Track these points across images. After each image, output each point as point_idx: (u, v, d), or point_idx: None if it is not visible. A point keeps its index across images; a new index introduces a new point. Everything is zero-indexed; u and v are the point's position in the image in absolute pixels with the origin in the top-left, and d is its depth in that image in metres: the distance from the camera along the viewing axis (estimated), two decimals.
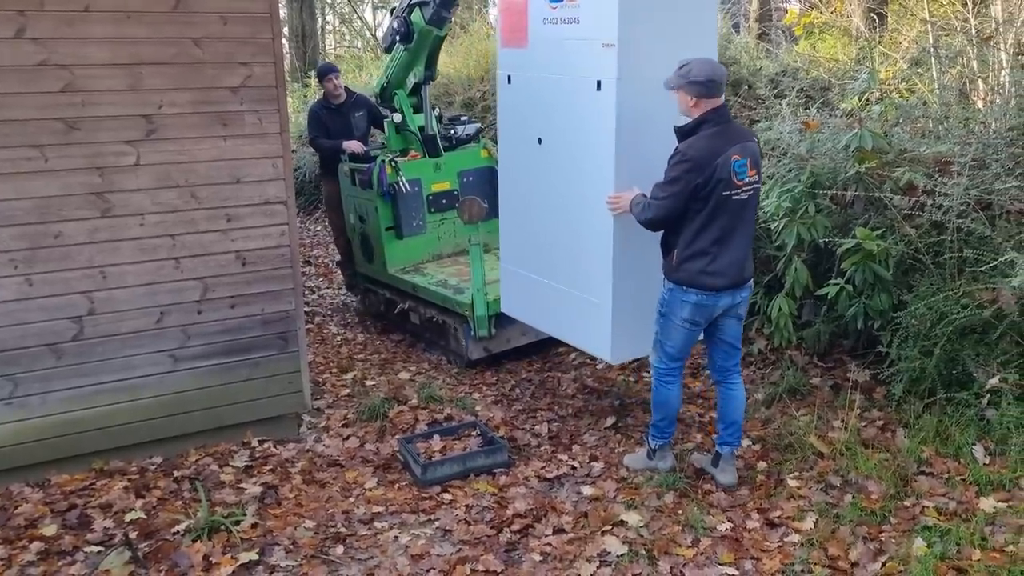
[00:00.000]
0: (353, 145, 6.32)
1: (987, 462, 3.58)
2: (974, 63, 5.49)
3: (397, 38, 6.01)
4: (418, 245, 6.16)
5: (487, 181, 6.27)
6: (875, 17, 8.14)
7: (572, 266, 4.24)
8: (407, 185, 5.94)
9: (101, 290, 3.97)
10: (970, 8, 5.82)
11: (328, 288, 7.78)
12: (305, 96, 13.22)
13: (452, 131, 6.54)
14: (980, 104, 5.37)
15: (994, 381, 3.67)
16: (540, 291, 4.51)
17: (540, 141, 4.33)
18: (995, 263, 3.72)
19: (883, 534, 3.24)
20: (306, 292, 7.51)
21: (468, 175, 6.31)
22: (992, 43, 5.38)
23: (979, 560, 2.98)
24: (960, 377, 3.89)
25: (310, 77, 13.83)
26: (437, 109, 6.69)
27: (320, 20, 18.57)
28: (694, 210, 3.49)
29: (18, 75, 3.66)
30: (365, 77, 12.64)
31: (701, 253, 3.53)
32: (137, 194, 3.97)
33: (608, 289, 3.99)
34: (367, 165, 6.06)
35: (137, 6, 3.81)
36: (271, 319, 4.35)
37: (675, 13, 3.84)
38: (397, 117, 6.34)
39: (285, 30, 16.19)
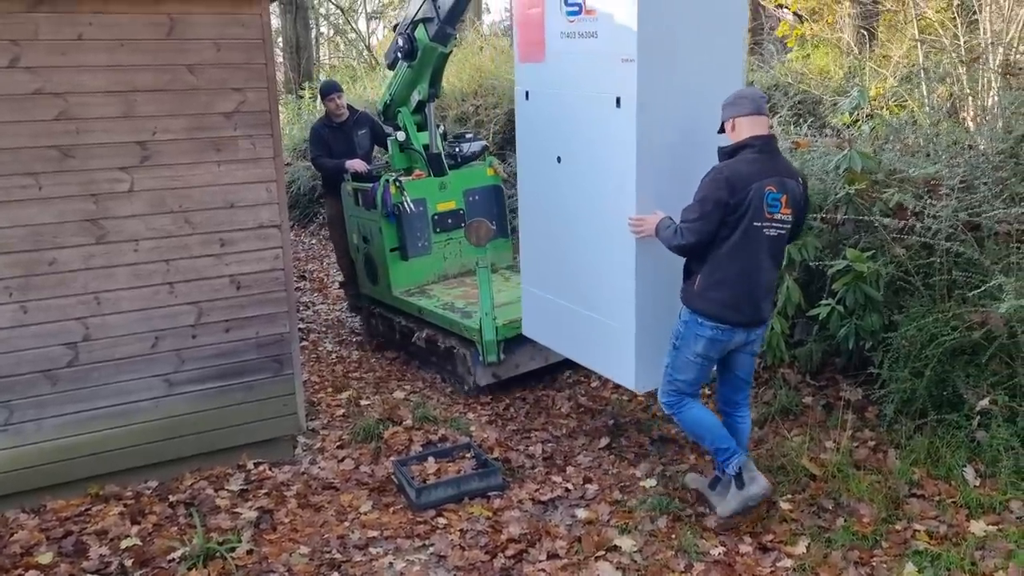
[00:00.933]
0: (356, 164, 6.26)
1: (977, 484, 3.60)
2: (963, 81, 5.53)
3: (400, 55, 5.92)
4: (423, 266, 6.06)
5: (493, 200, 6.24)
6: (865, 33, 8.19)
7: (594, 289, 4.12)
8: (411, 205, 5.85)
9: (96, 316, 3.98)
10: (959, 26, 5.87)
11: (323, 304, 7.79)
12: (299, 108, 13.25)
13: (457, 149, 6.40)
14: (970, 122, 5.42)
15: (984, 403, 3.70)
16: (562, 314, 4.39)
17: (559, 159, 4.21)
18: (984, 287, 3.75)
19: (874, 559, 3.27)
20: (300, 308, 7.53)
21: (474, 194, 6.21)
22: (981, 62, 5.43)
23: None
24: (951, 398, 3.91)
25: (304, 88, 13.88)
26: (441, 126, 6.57)
27: (314, 31, 18.60)
28: (722, 236, 3.41)
29: (12, 104, 3.68)
30: (360, 89, 12.66)
31: (724, 283, 3.45)
32: (131, 220, 3.98)
33: (631, 314, 3.87)
34: (371, 185, 5.98)
35: (131, 34, 3.84)
36: (265, 342, 4.36)
37: (698, 26, 3.68)
38: (401, 135, 6.25)
39: (279, 41, 16.22)
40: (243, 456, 4.41)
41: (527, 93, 4.39)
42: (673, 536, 3.56)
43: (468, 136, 6.60)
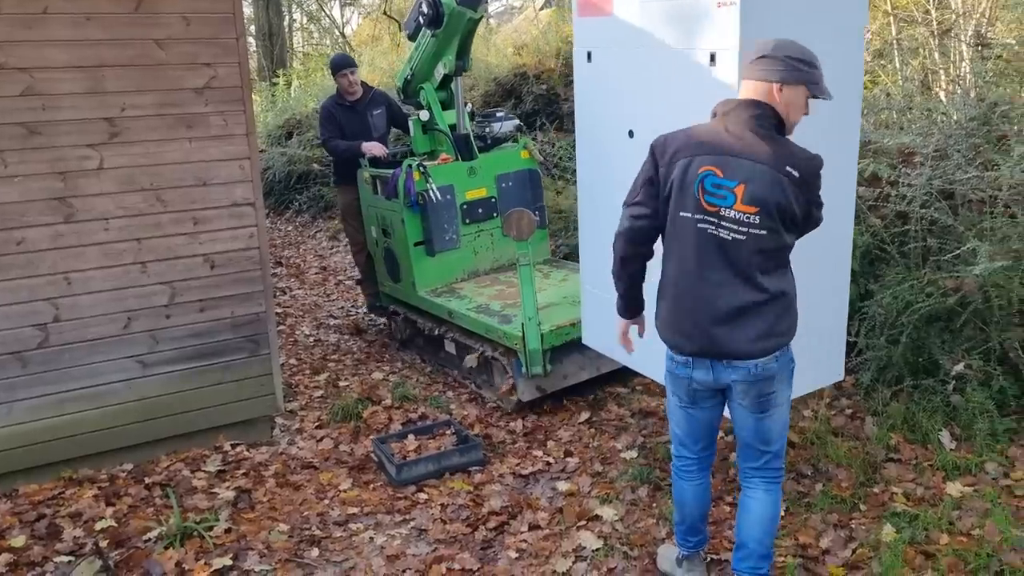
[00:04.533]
0: (374, 148, 5.60)
1: (953, 447, 3.64)
2: (936, 55, 5.57)
3: (423, 22, 5.21)
4: (452, 262, 5.40)
5: (529, 185, 5.58)
6: None
7: None
8: (438, 193, 5.15)
9: (66, 296, 3.91)
10: (931, 0, 5.90)
11: (300, 289, 7.73)
12: (273, 95, 13.13)
13: (487, 129, 5.70)
14: (942, 95, 5.45)
15: (959, 368, 3.73)
16: None
17: (631, 134, 3.48)
18: (958, 251, 3.78)
19: (853, 521, 3.29)
20: (277, 293, 7.46)
21: (507, 179, 5.51)
22: (952, 35, 5.47)
23: (947, 544, 3.03)
24: (927, 364, 3.95)
25: (278, 76, 13.75)
26: (469, 104, 5.78)
27: (287, 18, 18.41)
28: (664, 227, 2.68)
29: None
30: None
31: (662, 292, 2.72)
32: (101, 198, 3.91)
33: None
34: (391, 171, 5.33)
35: (97, 8, 3.76)
36: (241, 322, 4.31)
37: None
38: (424, 114, 5.58)
39: (252, 28, 16.05)
40: (220, 437, 4.37)
41: (589, 54, 3.65)
42: (654, 505, 3.56)
43: (499, 114, 5.87)
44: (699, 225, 2.54)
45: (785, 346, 2.62)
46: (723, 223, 2.50)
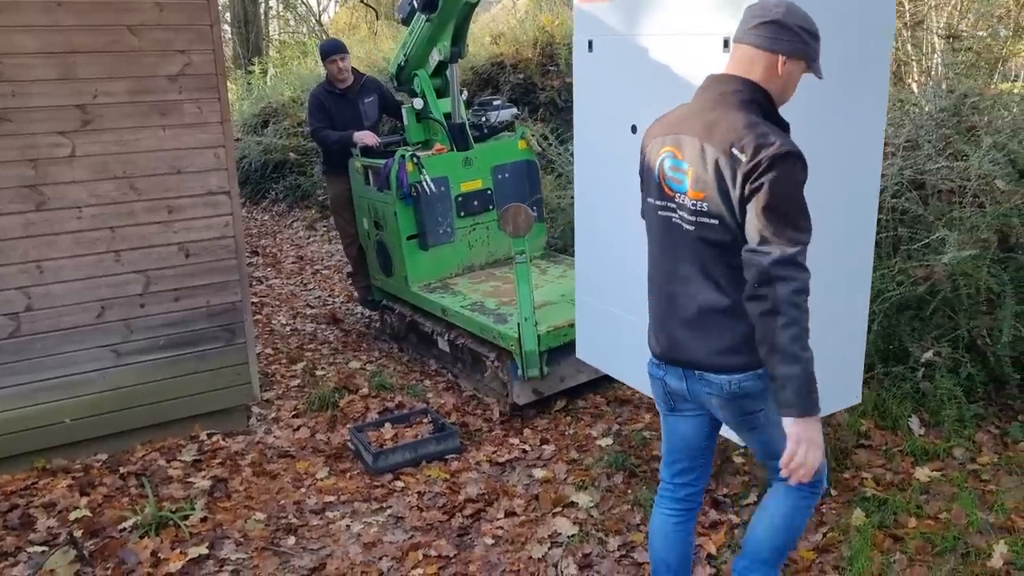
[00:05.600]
0: (366, 137, 5.41)
1: (922, 433, 3.70)
2: (908, 46, 5.63)
3: (416, 6, 5.05)
4: (446, 256, 5.25)
5: (526, 177, 5.41)
6: None
7: None
8: (431, 185, 5.01)
9: (38, 285, 3.87)
10: None
11: (276, 278, 7.69)
12: (249, 83, 13.00)
13: (483, 118, 5.49)
14: (915, 87, 5.52)
15: (928, 355, 3.79)
16: (631, 334, 3.25)
17: (635, 130, 3.18)
18: (928, 241, 3.84)
19: (824, 506, 3.34)
20: (253, 283, 7.42)
21: (504, 171, 5.34)
22: (924, 27, 5.53)
23: (914, 528, 3.09)
24: (897, 352, 4.01)
25: (254, 64, 13.62)
26: (465, 92, 5.60)
27: (263, 5, 18.23)
28: None
29: None
30: (311, 63, 12.46)
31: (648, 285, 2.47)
32: (73, 186, 3.88)
33: None
34: (383, 161, 5.16)
35: None
36: (217, 311, 4.29)
37: None
38: (418, 103, 5.39)
39: (227, 16, 15.88)
40: (196, 427, 4.35)
41: (590, 43, 3.39)
42: (629, 491, 3.59)
43: (496, 103, 5.64)
44: (660, 213, 2.30)
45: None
46: (680, 211, 2.23)
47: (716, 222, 2.13)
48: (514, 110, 5.73)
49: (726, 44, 2.65)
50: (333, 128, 5.58)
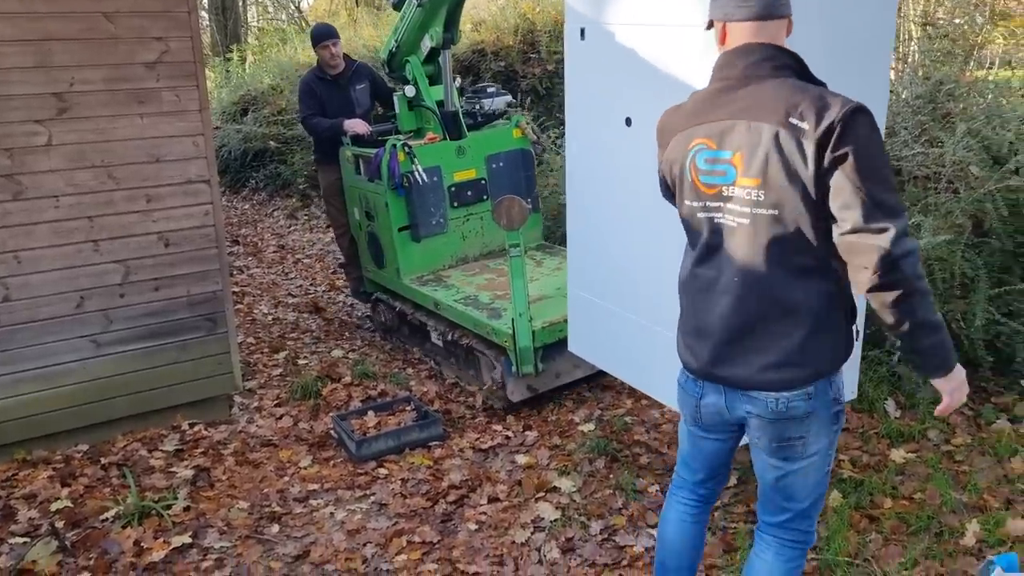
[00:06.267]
0: (357, 125, 5.29)
1: (898, 416, 3.77)
2: None
3: None
4: (438, 248, 5.16)
5: (521, 167, 5.29)
6: None
7: (672, 298, 2.70)
8: (424, 175, 4.91)
9: (16, 275, 3.84)
10: None
11: (258, 267, 7.66)
12: (227, 71, 12.88)
13: (477, 106, 5.38)
14: (892, 74, 5.56)
15: None
16: (623, 329, 3.32)
17: (629, 122, 3.09)
18: None
19: None
20: (235, 272, 7.39)
21: (498, 160, 5.23)
22: (901, 14, 5.57)
23: (890, 508, 3.15)
24: (874, 336, 4.06)
25: (232, 51, 13.50)
26: (458, 79, 5.48)
27: None
28: None
29: None
30: (290, 51, 12.37)
31: (680, 290, 2.27)
32: (50, 175, 3.84)
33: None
34: (374, 151, 5.03)
35: None
36: (197, 300, 4.28)
37: None
38: (410, 90, 5.24)
39: (205, 2, 15.72)
40: (178, 417, 4.34)
41: (582, 31, 3.26)
42: (611, 476, 3.63)
43: (491, 90, 5.51)
44: (699, 214, 2.06)
45: (823, 380, 2.04)
46: (728, 205, 1.99)
47: (775, 212, 1.92)
48: (509, 98, 5.61)
49: None
50: (324, 115, 5.47)
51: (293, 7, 19.00)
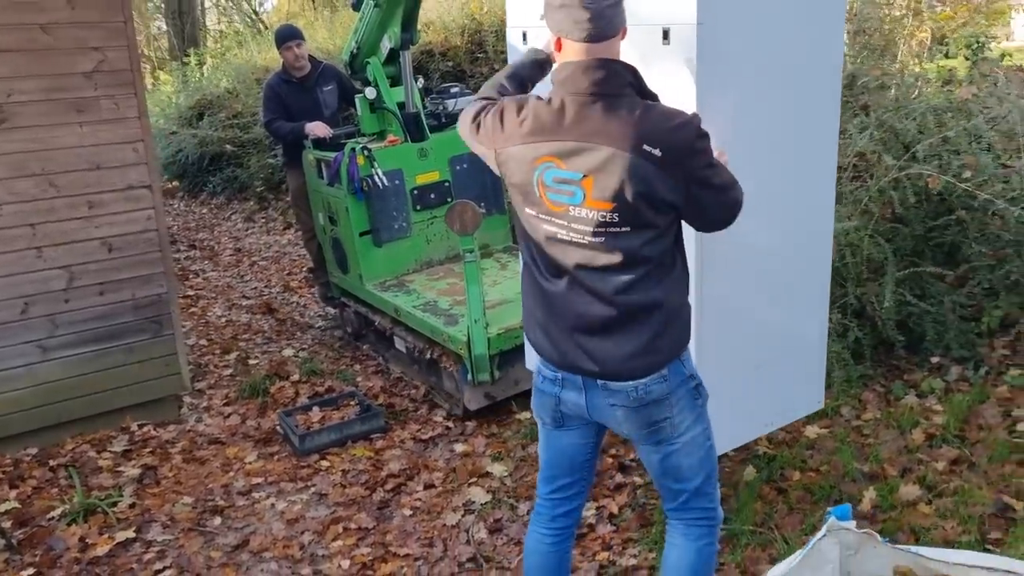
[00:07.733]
0: (317, 128, 5.24)
1: None
2: None
3: None
4: (402, 252, 5.06)
5: (486, 168, 5.04)
6: None
7: None
8: (384, 179, 4.80)
9: None
10: None
11: (214, 271, 7.74)
12: (184, 75, 12.88)
13: (440, 106, 5.29)
14: None
15: None
16: None
17: None
18: None
19: (720, 464, 3.56)
20: (191, 276, 7.47)
21: (462, 162, 5.13)
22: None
23: (798, 480, 3.33)
24: None
25: (188, 55, 13.49)
26: (421, 80, 5.41)
27: None
28: None
29: None
30: (246, 55, 12.40)
31: (525, 288, 2.31)
32: None
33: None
34: (335, 154, 4.96)
35: None
36: (142, 304, 4.38)
37: None
38: (371, 92, 5.14)
39: (162, 6, 15.66)
40: (127, 418, 4.44)
41: (524, 34, 3.16)
42: None
43: (454, 90, 5.42)
44: (546, 227, 2.09)
45: (674, 362, 2.13)
46: (575, 225, 2.02)
47: (627, 229, 1.98)
48: (472, 98, 5.58)
49: (665, 36, 2.51)
50: (290, 118, 5.42)
51: (249, 8, 18.99)
